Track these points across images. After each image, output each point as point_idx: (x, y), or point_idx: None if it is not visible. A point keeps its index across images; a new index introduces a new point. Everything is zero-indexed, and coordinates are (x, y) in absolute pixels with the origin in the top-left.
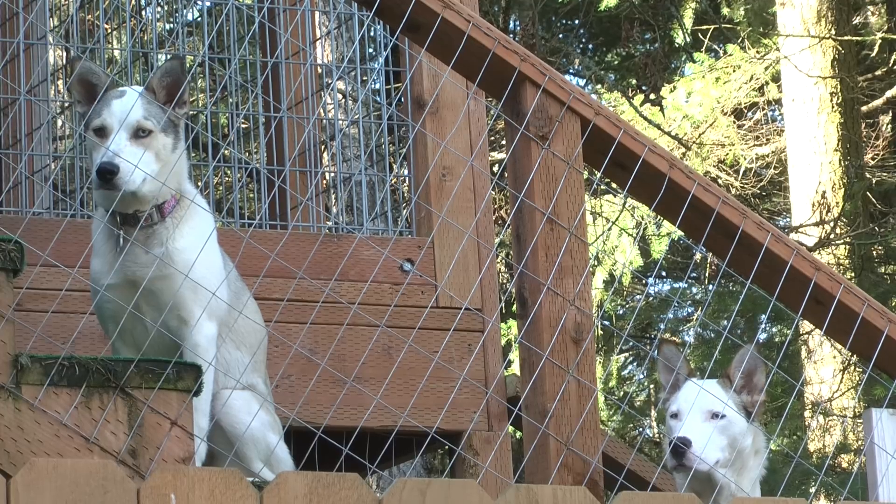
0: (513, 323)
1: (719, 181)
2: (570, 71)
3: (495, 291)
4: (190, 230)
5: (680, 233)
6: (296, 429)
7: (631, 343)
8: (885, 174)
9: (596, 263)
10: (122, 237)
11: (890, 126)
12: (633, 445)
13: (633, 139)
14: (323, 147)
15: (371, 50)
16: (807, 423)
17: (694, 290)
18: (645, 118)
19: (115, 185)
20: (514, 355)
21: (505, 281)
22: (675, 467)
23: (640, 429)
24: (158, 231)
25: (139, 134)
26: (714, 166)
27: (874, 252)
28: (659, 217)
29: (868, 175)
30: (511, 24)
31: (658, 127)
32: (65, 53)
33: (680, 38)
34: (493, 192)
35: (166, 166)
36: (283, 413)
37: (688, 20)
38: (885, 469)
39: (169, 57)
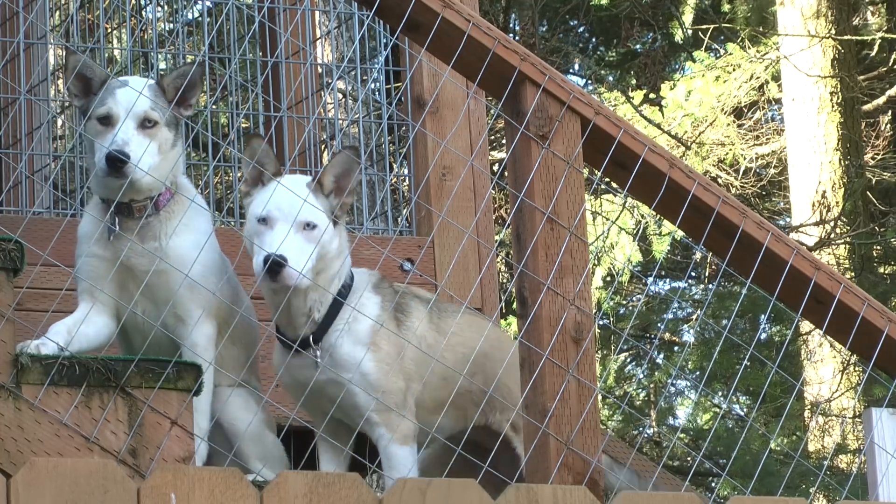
0: (512, 320)
1: (719, 181)
2: (570, 70)
3: (495, 291)
4: (184, 226)
5: (680, 232)
6: (296, 429)
7: (631, 343)
8: (885, 173)
9: (596, 263)
10: (116, 225)
11: (890, 125)
12: (633, 445)
13: (633, 139)
14: (323, 146)
15: (371, 49)
16: (806, 423)
17: (694, 289)
18: (645, 117)
19: (125, 173)
20: None
21: (505, 280)
22: (270, 284)
23: (640, 429)
24: (152, 224)
25: (145, 124)
26: (714, 166)
27: (874, 252)
28: (659, 216)
29: (868, 174)
30: (511, 24)
31: (658, 126)
32: (65, 53)
33: (679, 36)
34: (493, 192)
35: (165, 160)
36: (282, 413)
37: (687, 18)
38: (885, 469)
39: (191, 61)
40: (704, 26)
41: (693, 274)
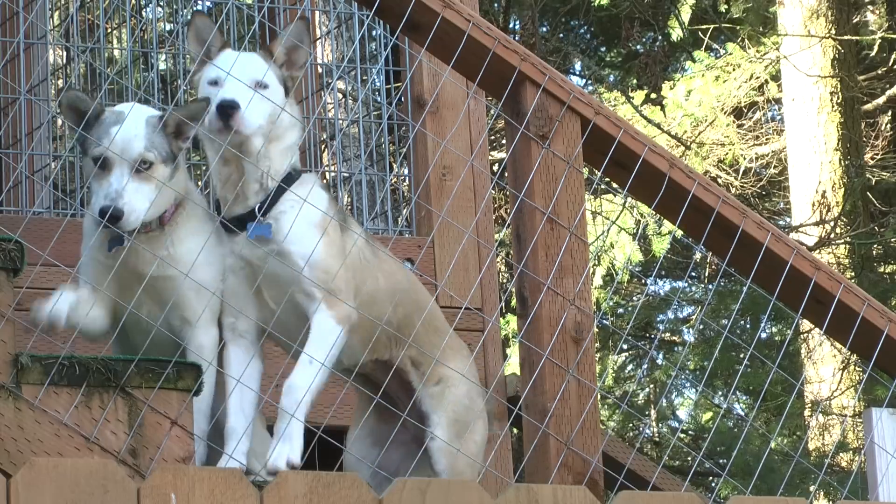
0: (511, 318)
1: (719, 181)
2: (571, 70)
3: (495, 291)
4: (192, 233)
5: (680, 232)
6: None
7: (631, 342)
8: (885, 173)
9: (596, 263)
10: (124, 240)
11: (890, 125)
12: (633, 445)
13: (633, 138)
14: (323, 146)
15: (372, 49)
16: (806, 423)
17: (694, 289)
18: (645, 117)
19: (118, 227)
20: (511, 350)
21: (505, 280)
22: (221, 130)
23: (640, 428)
24: (158, 234)
25: (140, 167)
26: (714, 166)
27: (874, 251)
28: (659, 216)
29: (868, 174)
30: (511, 24)
31: (658, 126)
32: (65, 53)
33: (676, 34)
34: (493, 192)
35: (163, 195)
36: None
37: (686, 16)
38: (885, 469)
39: (196, 99)
40: (704, 26)
41: (693, 274)
